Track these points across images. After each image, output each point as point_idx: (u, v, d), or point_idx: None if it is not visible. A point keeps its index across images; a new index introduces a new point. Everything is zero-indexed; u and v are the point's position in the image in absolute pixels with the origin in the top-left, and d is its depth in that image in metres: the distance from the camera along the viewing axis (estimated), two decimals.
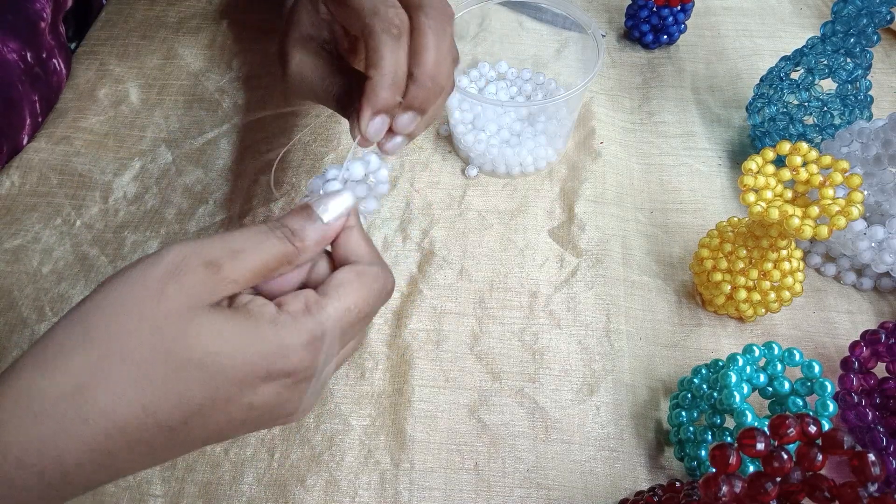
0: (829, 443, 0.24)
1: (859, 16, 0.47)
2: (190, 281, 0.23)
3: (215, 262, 0.24)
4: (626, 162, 0.56)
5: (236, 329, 0.23)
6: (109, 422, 0.21)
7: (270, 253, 0.26)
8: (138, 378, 0.22)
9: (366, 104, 0.31)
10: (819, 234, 0.37)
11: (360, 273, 0.27)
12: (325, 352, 0.26)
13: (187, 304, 0.23)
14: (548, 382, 0.44)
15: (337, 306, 0.26)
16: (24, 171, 0.55)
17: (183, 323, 0.22)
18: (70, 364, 0.21)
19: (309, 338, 0.25)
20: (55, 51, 0.58)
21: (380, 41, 0.30)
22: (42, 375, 0.21)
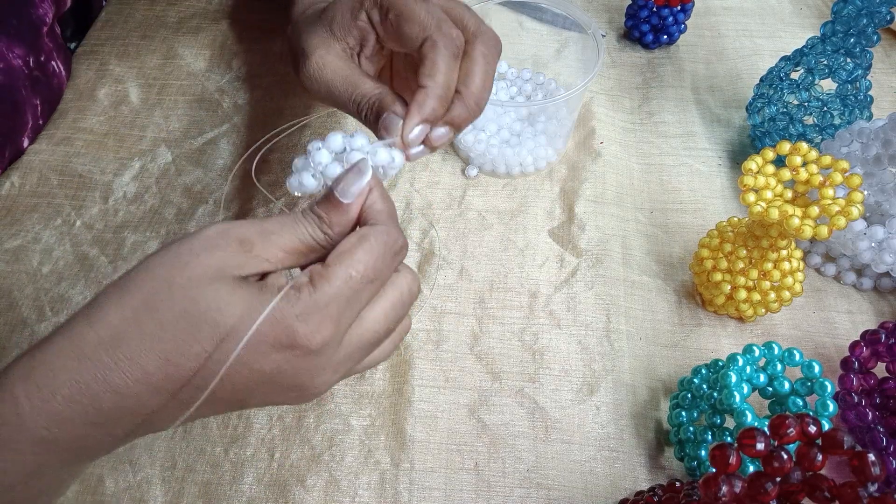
0: (829, 443, 0.24)
1: (859, 16, 0.47)
2: (220, 254, 0.25)
3: (248, 240, 0.26)
4: (626, 162, 0.56)
5: (247, 298, 0.25)
6: (136, 367, 0.24)
7: (301, 236, 0.28)
8: (161, 332, 0.24)
9: (415, 111, 0.32)
10: (819, 234, 0.37)
11: (362, 237, 0.27)
12: (335, 318, 0.26)
13: (213, 273, 0.25)
14: (548, 382, 0.44)
15: (339, 273, 0.26)
16: (24, 172, 0.55)
17: (202, 287, 0.25)
18: (109, 317, 0.24)
19: (308, 310, 0.25)
20: (53, 53, 0.58)
21: (440, 55, 0.32)
22: (88, 325, 0.25)
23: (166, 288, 0.25)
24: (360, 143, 0.32)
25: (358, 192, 0.29)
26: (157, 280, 0.25)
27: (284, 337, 0.25)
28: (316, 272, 0.26)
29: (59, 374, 0.24)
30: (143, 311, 0.24)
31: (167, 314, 0.24)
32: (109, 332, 0.24)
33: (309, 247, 0.28)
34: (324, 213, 0.28)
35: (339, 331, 0.27)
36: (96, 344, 0.24)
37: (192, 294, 0.24)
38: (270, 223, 0.27)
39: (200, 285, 0.25)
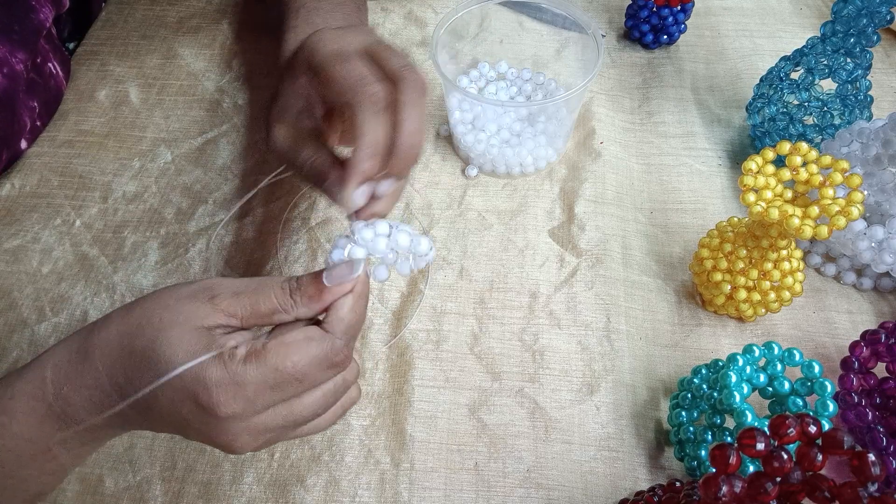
0: (829, 443, 0.24)
1: (859, 16, 0.47)
2: (192, 305, 0.29)
3: (219, 296, 0.30)
4: (626, 162, 0.56)
5: (191, 346, 0.28)
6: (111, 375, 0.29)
7: (266, 299, 0.30)
8: (129, 356, 0.29)
9: (352, 174, 0.33)
10: (819, 234, 0.37)
11: (308, 338, 0.29)
12: (250, 400, 0.28)
13: (181, 319, 0.29)
14: (548, 382, 0.44)
15: (269, 362, 0.28)
16: (24, 174, 0.55)
17: (167, 329, 0.29)
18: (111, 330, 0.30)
19: (227, 381, 0.28)
20: (49, 54, 0.58)
21: (363, 116, 0.33)
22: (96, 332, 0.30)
23: (146, 323, 0.29)
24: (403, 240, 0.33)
25: (339, 282, 0.30)
26: (144, 314, 0.29)
27: (198, 393, 0.28)
28: (254, 350, 0.28)
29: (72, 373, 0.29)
30: (126, 336, 0.29)
31: (138, 343, 0.29)
32: (105, 346, 0.29)
33: (272, 310, 0.30)
34: (302, 285, 0.30)
35: (250, 410, 0.29)
36: (99, 356, 0.29)
37: (157, 334, 0.29)
38: (244, 285, 0.30)
39: (166, 328, 0.29)
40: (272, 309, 0.30)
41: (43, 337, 0.46)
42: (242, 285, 0.30)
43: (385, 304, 0.47)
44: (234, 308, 0.30)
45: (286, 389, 0.29)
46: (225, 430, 0.29)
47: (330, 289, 0.30)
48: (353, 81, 0.34)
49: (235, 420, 0.29)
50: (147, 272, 0.49)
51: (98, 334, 0.30)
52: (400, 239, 0.33)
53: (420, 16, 0.67)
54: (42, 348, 0.45)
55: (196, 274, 0.49)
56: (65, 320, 0.47)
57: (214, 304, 0.29)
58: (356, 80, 0.34)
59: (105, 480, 0.40)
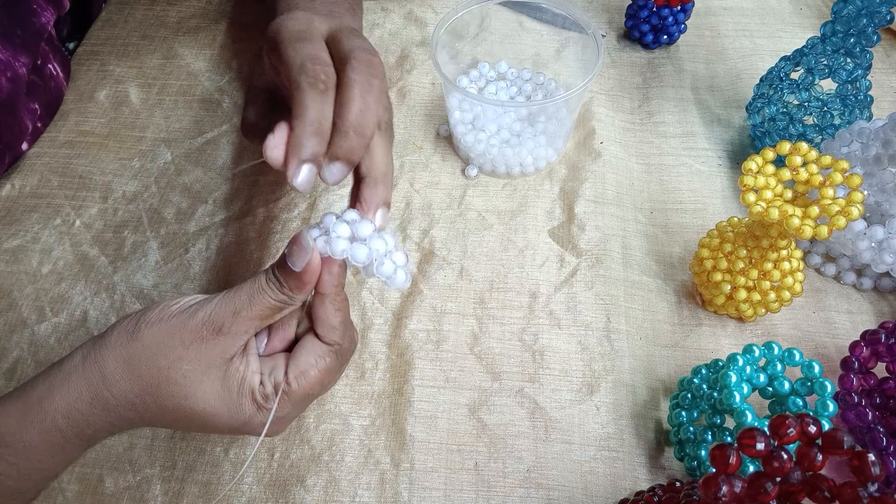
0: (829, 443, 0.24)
1: (859, 16, 0.47)
2: (206, 346, 0.31)
3: (224, 325, 0.31)
4: (626, 162, 0.56)
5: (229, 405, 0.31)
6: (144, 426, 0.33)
7: (266, 303, 0.31)
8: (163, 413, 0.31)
9: (291, 154, 0.32)
10: (819, 234, 0.37)
11: (319, 357, 0.32)
12: (289, 419, 0.34)
13: (203, 367, 0.31)
14: (548, 382, 0.44)
15: (297, 393, 0.32)
16: (24, 174, 0.55)
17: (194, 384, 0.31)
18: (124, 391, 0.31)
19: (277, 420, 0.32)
20: (49, 56, 0.58)
21: (304, 95, 0.32)
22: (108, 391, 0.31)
23: (166, 381, 0.30)
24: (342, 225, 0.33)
25: (304, 263, 0.31)
26: (160, 370, 0.30)
27: (246, 432, 0.32)
28: (284, 389, 0.32)
29: (93, 417, 0.31)
30: (149, 396, 0.30)
31: (167, 402, 0.31)
32: (126, 401, 0.31)
33: (275, 309, 0.32)
34: (282, 279, 0.31)
35: (288, 424, 0.35)
36: (116, 405, 0.31)
37: (186, 391, 0.30)
38: (239, 299, 0.31)
39: (193, 382, 0.30)
40: (274, 309, 0.32)
41: (43, 337, 0.46)
42: (236, 302, 0.31)
43: (385, 304, 0.47)
44: (242, 326, 0.31)
45: (318, 396, 0.34)
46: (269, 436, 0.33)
47: (304, 271, 0.31)
48: (301, 61, 0.33)
49: (277, 432, 0.34)
50: (147, 272, 0.49)
51: (111, 391, 0.30)
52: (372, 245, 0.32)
53: (420, 16, 0.67)
54: (42, 348, 0.45)
55: (196, 274, 0.49)
56: (65, 320, 0.47)
57: (223, 333, 0.31)
58: (302, 60, 0.33)
59: (105, 480, 0.40)
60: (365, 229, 0.32)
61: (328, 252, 0.31)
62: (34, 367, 0.45)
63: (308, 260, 0.31)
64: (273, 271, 0.32)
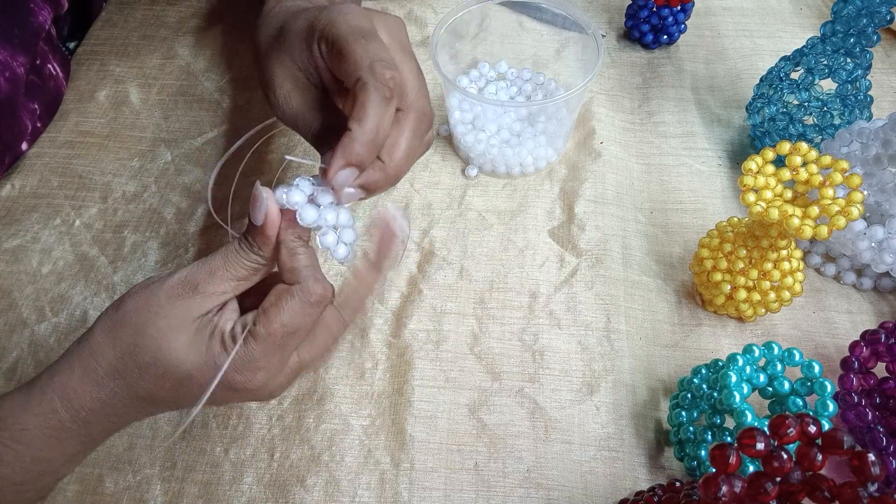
0: (829, 443, 0.24)
1: (859, 16, 0.47)
2: (182, 302, 0.31)
3: (201, 283, 0.31)
4: (626, 162, 0.56)
5: (200, 349, 0.31)
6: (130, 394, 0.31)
7: (240, 265, 0.32)
8: (140, 373, 0.31)
9: (339, 152, 0.32)
10: (819, 234, 0.37)
11: (279, 296, 0.31)
12: (266, 368, 0.31)
13: (178, 321, 0.31)
14: (548, 382, 0.44)
15: (261, 333, 0.31)
16: (24, 175, 0.55)
17: (168, 336, 0.30)
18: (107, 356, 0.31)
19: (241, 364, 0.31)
20: (48, 56, 0.58)
21: (369, 98, 0.32)
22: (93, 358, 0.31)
23: (142, 337, 0.30)
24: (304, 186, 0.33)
25: (262, 216, 0.31)
26: (137, 328, 0.30)
27: (225, 382, 0.31)
28: (250, 330, 0.31)
29: (84, 394, 0.31)
30: (128, 356, 0.30)
31: (144, 358, 0.30)
32: (111, 368, 0.31)
33: (250, 270, 0.32)
34: (251, 238, 0.32)
35: (270, 373, 0.32)
36: (104, 375, 0.31)
37: (160, 343, 0.30)
38: (214, 261, 0.32)
39: (167, 335, 0.30)
40: (250, 269, 0.32)
41: (43, 337, 0.46)
42: (212, 264, 0.32)
43: (385, 304, 0.47)
44: (219, 286, 0.31)
45: (289, 343, 0.32)
46: (256, 395, 0.33)
47: (265, 223, 0.31)
48: (369, 62, 0.32)
49: (263, 386, 0.32)
50: (147, 272, 0.49)
51: (97, 360, 0.31)
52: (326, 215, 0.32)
53: (420, 16, 0.67)
54: (42, 348, 0.45)
55: None
56: (65, 320, 0.47)
57: (199, 292, 0.31)
58: (372, 61, 0.32)
59: (105, 480, 0.40)
60: (325, 197, 0.33)
61: (284, 200, 0.32)
62: (34, 366, 0.45)
63: (265, 211, 0.31)
64: (243, 234, 0.32)
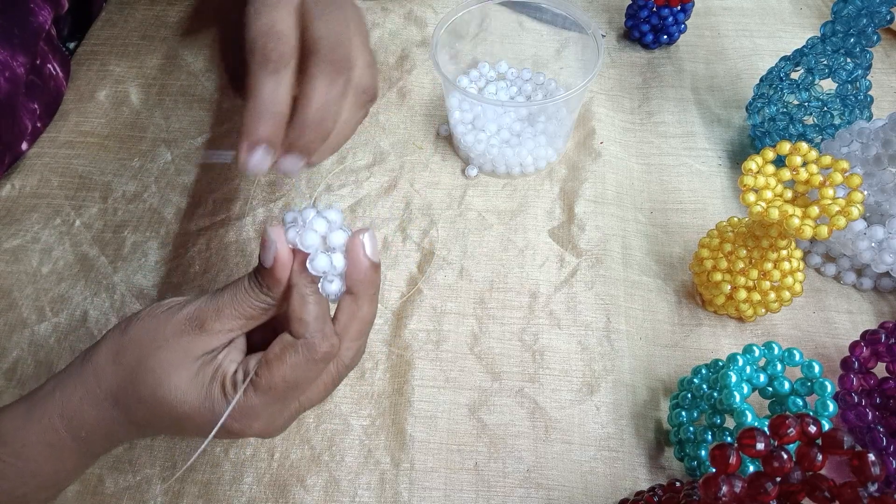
0: (829, 443, 0.24)
1: (859, 16, 0.47)
2: (186, 339, 0.30)
3: (207, 321, 0.31)
4: (626, 162, 0.56)
5: (199, 391, 0.30)
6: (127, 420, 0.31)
7: (248, 304, 0.31)
8: (139, 404, 0.30)
9: (241, 136, 0.30)
10: (819, 234, 0.37)
11: (283, 348, 0.30)
12: (265, 416, 0.31)
13: (179, 358, 0.30)
14: (548, 382, 0.44)
15: (262, 385, 0.30)
16: (24, 175, 0.55)
17: (168, 372, 0.30)
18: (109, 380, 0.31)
19: (241, 413, 0.30)
20: (48, 55, 0.58)
21: (255, 74, 0.30)
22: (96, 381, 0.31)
23: (143, 368, 0.30)
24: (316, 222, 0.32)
25: (272, 258, 0.30)
26: (139, 357, 0.30)
27: (222, 427, 0.30)
28: (252, 380, 0.30)
29: (84, 414, 0.31)
30: (128, 384, 0.30)
31: (142, 391, 0.30)
32: (111, 393, 0.30)
33: (259, 310, 0.31)
34: (261, 279, 0.31)
35: (269, 422, 0.31)
36: (104, 399, 0.31)
37: (160, 378, 0.30)
38: (222, 299, 0.31)
39: (168, 371, 0.30)
40: (259, 310, 0.31)
41: (43, 337, 0.46)
42: (220, 301, 0.31)
43: (385, 304, 0.47)
44: (225, 325, 0.31)
45: (290, 396, 0.31)
46: (254, 436, 0.32)
47: (275, 265, 0.30)
48: (253, 35, 0.31)
49: (260, 432, 0.31)
50: (147, 272, 0.49)
51: (99, 383, 0.30)
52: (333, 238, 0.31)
53: (420, 16, 0.67)
54: (42, 348, 0.45)
55: (196, 274, 0.49)
56: (65, 320, 0.47)
57: (206, 330, 0.30)
58: (256, 33, 0.31)
59: (105, 480, 0.40)
60: (338, 238, 0.31)
61: (297, 242, 0.31)
62: (34, 367, 0.45)
63: (275, 255, 0.30)
64: (253, 272, 0.31)
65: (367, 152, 0.56)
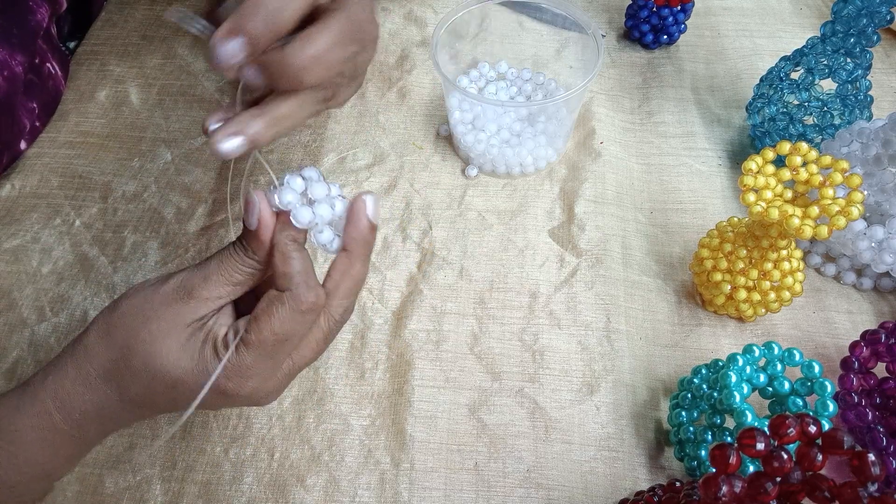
0: (829, 443, 0.24)
1: (859, 16, 0.47)
2: (176, 307, 0.30)
3: (195, 288, 0.31)
4: (626, 162, 0.56)
5: (191, 354, 0.30)
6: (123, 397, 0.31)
7: (234, 270, 0.31)
8: (133, 378, 0.30)
9: (230, 18, 0.28)
10: (819, 234, 0.37)
11: (269, 302, 0.30)
12: (258, 374, 0.31)
13: (169, 326, 0.30)
14: (548, 382, 0.44)
15: (252, 340, 0.30)
16: (24, 175, 0.55)
17: (159, 342, 0.30)
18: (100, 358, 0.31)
19: (232, 372, 0.30)
20: (47, 54, 0.58)
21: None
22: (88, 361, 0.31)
23: (134, 340, 0.30)
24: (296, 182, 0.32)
25: (256, 220, 0.31)
26: (129, 332, 0.30)
27: (216, 388, 0.30)
28: (242, 337, 0.30)
29: (77, 396, 0.31)
30: (121, 359, 0.30)
31: (135, 362, 0.30)
32: (103, 370, 0.31)
33: (246, 275, 0.32)
34: (246, 242, 0.31)
35: (262, 380, 0.31)
36: (96, 377, 0.31)
37: (152, 348, 0.30)
38: (209, 266, 0.31)
39: (159, 339, 0.30)
40: (246, 274, 0.31)
41: (43, 337, 0.46)
42: (207, 269, 0.31)
43: (385, 304, 0.47)
44: (213, 291, 0.31)
45: (281, 351, 0.31)
46: (248, 401, 0.32)
47: (259, 227, 0.31)
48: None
49: (254, 392, 0.31)
50: (147, 272, 0.49)
51: (90, 362, 0.31)
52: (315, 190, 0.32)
53: (420, 16, 0.67)
54: (42, 348, 0.45)
55: None
56: (65, 320, 0.47)
57: (194, 297, 0.31)
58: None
59: (105, 480, 0.40)
60: (318, 190, 0.32)
61: (276, 202, 0.31)
62: (34, 366, 0.45)
63: (258, 215, 0.30)
64: (238, 238, 0.32)
65: (367, 152, 0.56)
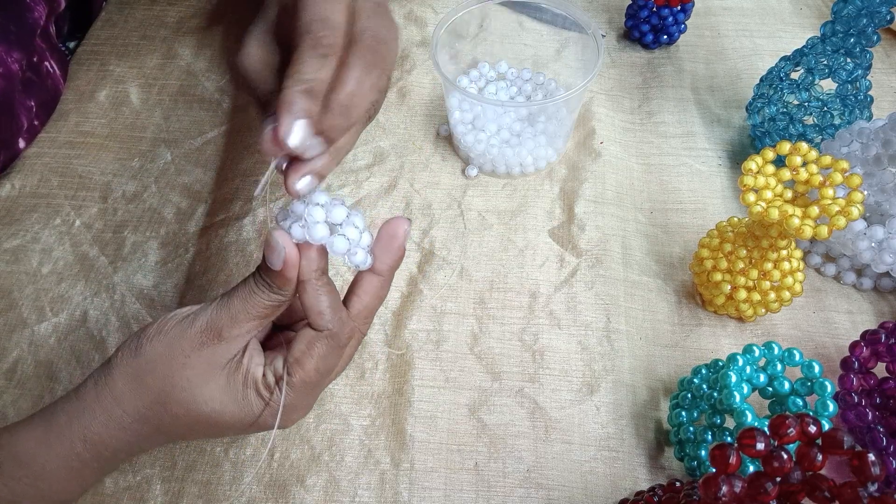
0: (829, 443, 0.24)
1: (859, 16, 0.47)
2: (207, 351, 0.31)
3: (223, 329, 0.31)
4: (626, 162, 0.56)
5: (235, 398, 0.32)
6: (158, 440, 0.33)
7: (261, 305, 0.32)
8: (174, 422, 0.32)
9: (283, 110, 0.30)
10: (819, 234, 0.37)
11: (309, 344, 0.32)
12: (301, 407, 0.33)
13: (206, 371, 0.31)
14: (548, 382, 0.44)
15: (295, 383, 0.32)
16: (24, 174, 0.55)
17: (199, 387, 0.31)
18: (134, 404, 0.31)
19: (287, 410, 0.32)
20: (46, 53, 0.58)
21: (303, 55, 0.31)
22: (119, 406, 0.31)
23: (171, 388, 0.31)
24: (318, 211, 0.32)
25: (280, 261, 0.31)
26: (163, 380, 0.31)
27: (261, 425, 0.32)
28: (288, 381, 0.32)
29: (110, 438, 0.31)
30: (158, 404, 0.31)
31: (175, 409, 0.31)
32: (139, 415, 0.31)
33: (272, 309, 0.32)
34: (271, 280, 0.32)
35: (306, 408, 0.34)
36: (131, 422, 0.31)
37: (192, 395, 0.31)
38: (234, 305, 0.32)
39: (199, 386, 0.31)
40: (273, 309, 0.32)
41: (43, 337, 0.46)
42: (232, 308, 0.32)
43: (385, 304, 0.47)
44: (241, 328, 0.32)
45: (323, 383, 0.34)
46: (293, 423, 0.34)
47: (284, 266, 0.31)
48: (309, 20, 0.31)
49: (298, 418, 0.34)
50: (147, 272, 0.49)
51: (122, 407, 0.31)
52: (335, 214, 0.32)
53: (420, 16, 0.67)
54: (42, 348, 0.45)
55: (196, 274, 0.49)
56: (65, 320, 0.47)
57: (224, 338, 0.31)
58: (311, 18, 0.31)
59: (105, 480, 0.40)
60: (338, 214, 0.32)
61: (306, 238, 0.31)
62: (34, 366, 0.45)
63: (283, 257, 0.31)
64: (259, 273, 0.32)
65: (367, 152, 0.56)
